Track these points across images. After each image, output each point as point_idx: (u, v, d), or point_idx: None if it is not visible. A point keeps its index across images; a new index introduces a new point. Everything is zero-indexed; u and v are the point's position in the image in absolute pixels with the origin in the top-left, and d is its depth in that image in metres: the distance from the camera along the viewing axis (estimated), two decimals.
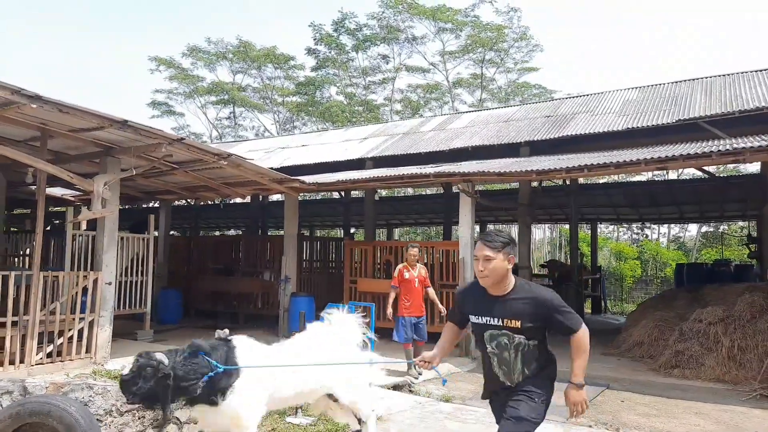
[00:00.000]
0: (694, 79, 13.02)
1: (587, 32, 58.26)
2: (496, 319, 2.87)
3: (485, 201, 11.37)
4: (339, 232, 25.74)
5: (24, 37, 64.47)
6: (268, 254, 13.43)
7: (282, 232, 10.47)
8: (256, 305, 12.43)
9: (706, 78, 12.83)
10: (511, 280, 2.90)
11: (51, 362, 6.89)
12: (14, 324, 6.48)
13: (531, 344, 2.85)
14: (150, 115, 36.33)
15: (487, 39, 30.44)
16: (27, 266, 10.13)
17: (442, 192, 17.34)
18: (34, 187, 10.93)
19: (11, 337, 6.46)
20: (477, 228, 13.90)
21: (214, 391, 3.38)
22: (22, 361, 6.56)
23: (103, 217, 7.54)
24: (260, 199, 18.30)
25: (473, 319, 2.99)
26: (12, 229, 14.05)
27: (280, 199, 20.62)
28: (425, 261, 10.09)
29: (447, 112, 24.77)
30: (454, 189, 12.43)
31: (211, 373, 3.33)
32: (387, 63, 33.54)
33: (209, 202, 15.87)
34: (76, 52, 64.95)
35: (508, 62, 32.36)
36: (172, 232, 16.64)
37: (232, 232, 27.32)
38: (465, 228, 9.45)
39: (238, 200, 17.60)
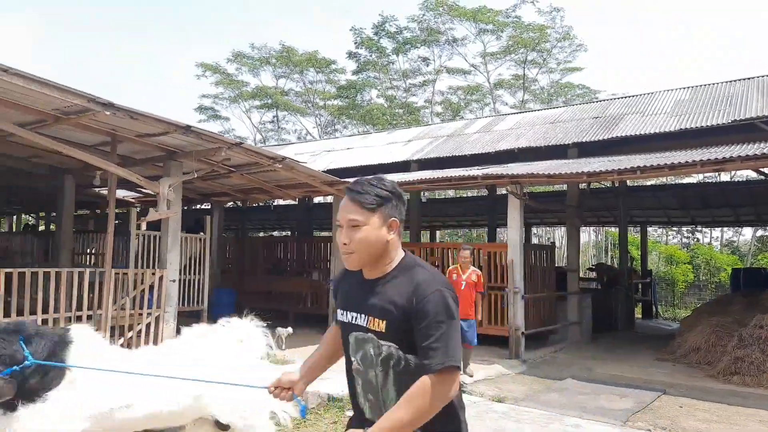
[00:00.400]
0: (749, 78, 12.65)
1: (602, 32, 57.19)
2: (362, 316, 1.82)
3: (532, 203, 11.33)
4: None
5: (24, 37, 66.43)
6: (315, 255, 13.73)
7: (326, 234, 10.72)
8: (305, 304, 12.73)
9: (762, 77, 12.45)
10: (397, 255, 1.84)
11: None
12: (89, 318, 6.90)
13: (411, 360, 1.73)
14: (197, 119, 37.55)
15: (529, 39, 30.15)
16: (93, 264, 10.70)
17: (485, 194, 17.31)
18: (98, 190, 11.57)
19: None
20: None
21: (22, 390, 2.58)
22: None
23: (167, 218, 7.93)
24: (306, 201, 18.70)
25: (339, 315, 1.95)
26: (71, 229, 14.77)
27: (324, 201, 21.04)
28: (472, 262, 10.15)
29: (488, 114, 24.69)
30: (502, 191, 12.40)
31: (16, 367, 2.57)
32: (427, 65, 33.67)
33: (258, 204, 16.32)
34: (76, 52, 65.98)
35: (551, 62, 31.99)
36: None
37: (276, 233, 27.93)
38: (513, 231, 9.47)
39: (284, 202, 18.04)
